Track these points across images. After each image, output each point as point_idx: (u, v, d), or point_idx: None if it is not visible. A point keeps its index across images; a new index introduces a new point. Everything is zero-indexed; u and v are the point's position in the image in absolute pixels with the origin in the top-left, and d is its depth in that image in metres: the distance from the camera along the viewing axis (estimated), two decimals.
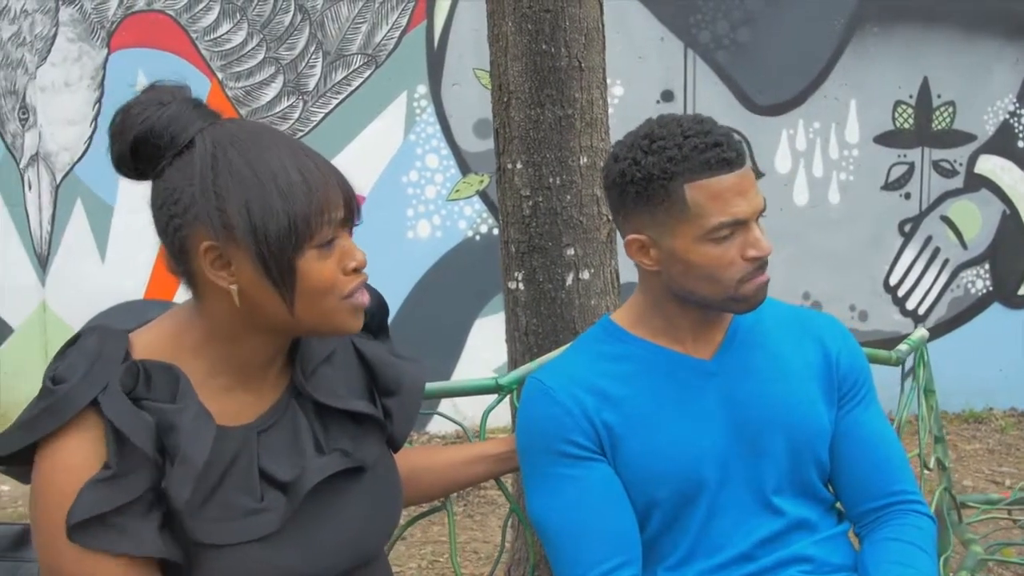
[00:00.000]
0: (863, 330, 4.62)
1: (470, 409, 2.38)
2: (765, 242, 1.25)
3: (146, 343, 1.09)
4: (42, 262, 4.32)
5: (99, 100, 4.27)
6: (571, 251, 1.98)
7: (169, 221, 1.06)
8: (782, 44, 4.47)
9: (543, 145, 1.96)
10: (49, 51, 4.26)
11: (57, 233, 4.30)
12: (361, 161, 4.35)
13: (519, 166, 1.99)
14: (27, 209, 4.30)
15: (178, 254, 1.08)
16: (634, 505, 1.30)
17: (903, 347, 1.84)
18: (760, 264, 1.26)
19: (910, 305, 4.68)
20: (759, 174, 4.53)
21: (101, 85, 4.28)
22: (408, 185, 4.40)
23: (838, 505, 1.42)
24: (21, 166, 4.29)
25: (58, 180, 4.28)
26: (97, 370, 1.04)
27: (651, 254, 1.29)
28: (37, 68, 4.26)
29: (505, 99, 1.99)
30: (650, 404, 1.31)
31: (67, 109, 4.26)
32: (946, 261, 4.67)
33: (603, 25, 2.04)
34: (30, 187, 4.29)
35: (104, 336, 1.08)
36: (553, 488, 1.29)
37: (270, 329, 1.10)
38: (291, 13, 4.30)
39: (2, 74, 4.27)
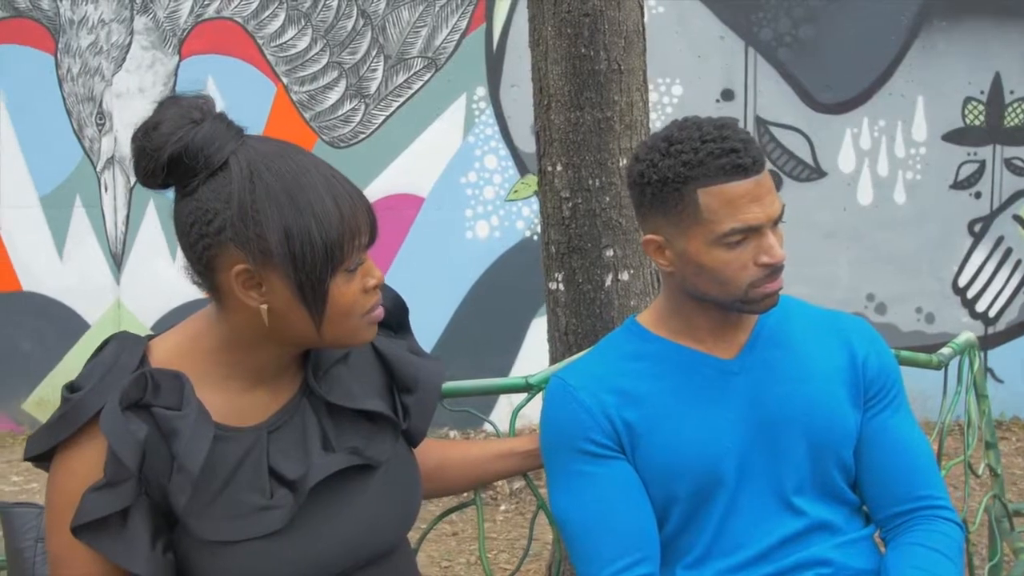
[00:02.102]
0: (930, 333, 4.51)
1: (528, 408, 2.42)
2: (778, 249, 1.26)
3: (166, 348, 1.14)
4: (117, 261, 4.51)
5: None
6: (610, 252, 2.00)
7: (199, 240, 1.09)
8: (846, 41, 4.39)
9: (582, 147, 1.98)
10: (124, 59, 4.44)
11: (131, 233, 4.48)
12: (421, 162, 4.43)
13: (559, 168, 2.01)
14: (103, 210, 4.49)
15: (204, 270, 1.11)
16: (653, 502, 1.32)
17: (945, 351, 1.80)
18: (772, 271, 1.27)
19: (980, 307, 4.55)
20: (821, 174, 4.46)
21: (173, 91, 4.44)
22: (467, 186, 4.45)
23: (865, 508, 1.41)
24: (98, 169, 4.48)
25: (132, 183, 4.46)
26: (108, 380, 1.09)
27: (666, 254, 1.31)
28: (113, 75, 4.44)
29: (545, 102, 2.02)
30: (670, 401, 1.33)
31: (141, 114, 4.35)
32: (1018, 262, 4.53)
33: (643, 28, 2.05)
34: (106, 189, 4.47)
35: (123, 345, 1.14)
36: (573, 485, 1.32)
37: (292, 343, 1.15)
38: (353, 18, 4.40)
39: (80, 81, 4.47)
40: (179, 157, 1.09)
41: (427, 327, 4.37)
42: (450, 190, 4.43)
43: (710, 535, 1.31)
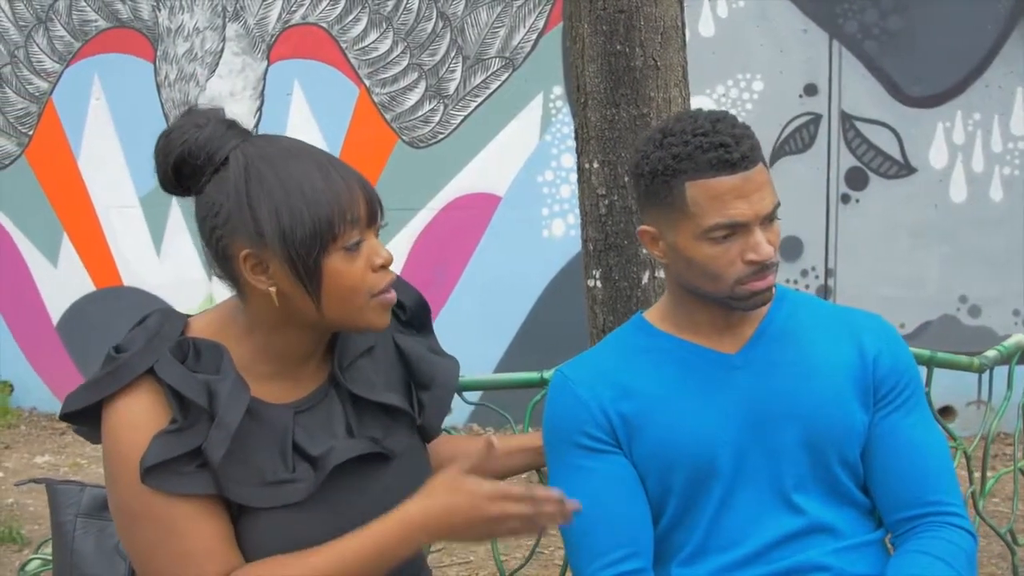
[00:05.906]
0: None
1: None
2: (765, 247, 1.24)
3: (201, 325, 1.23)
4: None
5: (259, 109, 4.61)
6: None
7: (212, 232, 1.17)
8: (938, 31, 4.21)
9: (618, 144, 1.98)
10: (217, 64, 4.64)
11: None
12: (498, 162, 4.48)
13: (595, 165, 2.02)
14: None
15: (221, 260, 1.19)
16: (650, 496, 1.32)
17: (991, 353, 1.72)
18: (759, 268, 1.25)
19: None
20: (911, 170, 4.29)
21: (261, 95, 4.62)
22: (543, 185, 4.48)
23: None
24: None
25: None
26: (154, 344, 1.18)
27: (660, 246, 1.32)
28: (207, 80, 4.65)
29: (583, 100, 2.03)
30: (668, 394, 1.33)
31: (231, 118, 4.62)
32: None
33: (683, 24, 2.03)
34: None
35: (165, 317, 1.22)
36: (569, 478, 1.33)
37: (305, 325, 1.20)
38: (433, 20, 4.48)
39: (177, 87, 4.69)
40: (184, 158, 1.17)
41: (503, 324, 4.41)
42: (527, 189, 4.46)
43: (704, 530, 1.30)
